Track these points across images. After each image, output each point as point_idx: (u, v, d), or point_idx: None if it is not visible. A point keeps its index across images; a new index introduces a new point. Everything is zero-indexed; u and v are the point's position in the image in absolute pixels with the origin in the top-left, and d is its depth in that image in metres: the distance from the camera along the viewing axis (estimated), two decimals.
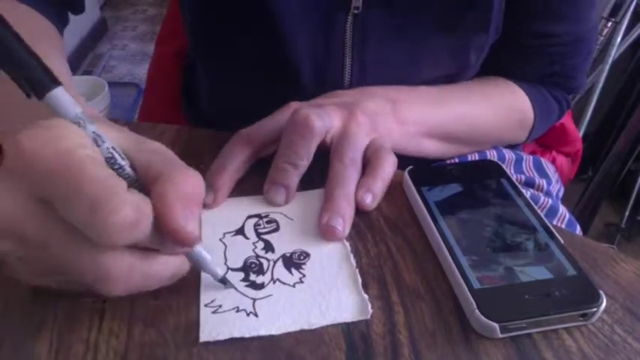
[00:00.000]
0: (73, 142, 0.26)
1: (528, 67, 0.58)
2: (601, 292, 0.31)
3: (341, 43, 0.50)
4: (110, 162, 0.28)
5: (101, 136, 0.28)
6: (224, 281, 0.33)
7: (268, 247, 0.36)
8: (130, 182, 0.28)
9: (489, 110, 0.55)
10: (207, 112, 0.64)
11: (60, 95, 0.27)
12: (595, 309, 0.31)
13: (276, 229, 0.38)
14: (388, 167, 0.41)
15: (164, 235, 0.27)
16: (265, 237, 0.37)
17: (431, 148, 0.51)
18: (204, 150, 0.44)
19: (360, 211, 0.39)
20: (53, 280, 0.30)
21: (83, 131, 0.27)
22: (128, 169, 0.28)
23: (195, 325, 0.31)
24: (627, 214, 1.52)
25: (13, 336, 0.30)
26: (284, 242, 0.36)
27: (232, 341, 0.30)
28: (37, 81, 0.26)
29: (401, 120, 0.47)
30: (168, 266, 0.29)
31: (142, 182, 0.28)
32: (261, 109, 0.44)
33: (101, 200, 0.24)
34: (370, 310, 0.32)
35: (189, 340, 0.30)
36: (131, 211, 0.25)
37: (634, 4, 1.36)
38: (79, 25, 2.35)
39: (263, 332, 0.31)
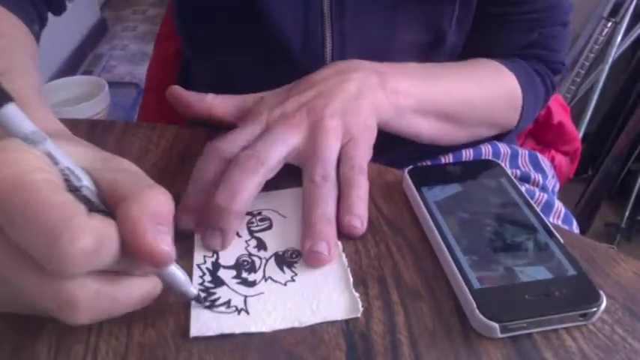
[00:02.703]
0: (24, 166, 0.24)
1: (507, 37, 0.59)
2: (601, 292, 0.31)
3: (319, 12, 0.51)
4: (67, 182, 0.26)
5: (55, 155, 0.26)
6: (199, 300, 0.31)
7: (261, 245, 0.36)
8: (91, 204, 0.26)
9: (479, 86, 0.55)
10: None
11: (10, 113, 0.25)
12: (595, 309, 0.31)
13: (269, 227, 0.38)
14: (363, 185, 0.39)
15: (135, 257, 0.26)
16: (258, 235, 0.37)
17: (422, 126, 0.48)
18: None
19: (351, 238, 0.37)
20: (12, 310, 0.28)
21: (37, 151, 0.25)
22: (88, 190, 0.26)
23: None
24: (627, 214, 1.52)
25: (13, 336, 0.30)
26: (277, 240, 0.36)
27: (232, 341, 0.30)
28: None
29: (390, 90, 0.44)
30: (137, 289, 0.28)
31: (107, 202, 0.27)
32: (254, 86, 0.44)
33: (57, 229, 0.23)
34: (361, 309, 0.32)
35: (189, 341, 0.30)
36: (91, 238, 0.23)
37: (634, 4, 1.36)
38: (79, 25, 2.35)
39: (253, 329, 0.31)
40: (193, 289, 0.31)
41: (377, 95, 0.43)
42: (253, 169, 0.36)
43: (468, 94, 0.53)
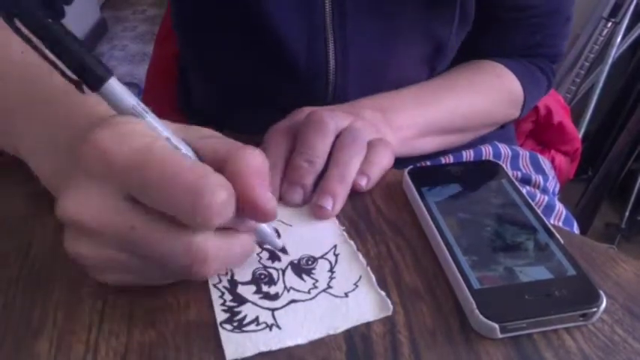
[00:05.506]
0: (147, 136, 0.26)
1: (511, 40, 0.60)
2: (601, 292, 0.31)
3: (322, 22, 0.51)
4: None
5: (156, 126, 0.28)
6: (285, 251, 0.34)
7: (273, 256, 0.35)
8: None
9: (477, 96, 0.56)
10: (202, 106, 0.65)
11: (115, 86, 0.26)
12: (595, 309, 0.31)
13: (277, 237, 0.37)
14: (382, 153, 0.41)
15: (243, 212, 0.28)
16: (267, 246, 0.35)
17: (426, 146, 0.52)
18: None
19: (354, 193, 0.40)
20: (135, 278, 0.30)
21: (145, 122, 0.27)
22: (192, 155, 0.28)
23: (194, 325, 0.31)
24: (627, 214, 1.52)
25: (13, 336, 0.30)
26: (288, 249, 0.35)
27: None
28: (90, 72, 0.26)
29: (394, 127, 0.48)
30: (247, 243, 0.30)
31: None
32: (255, 100, 0.44)
33: (198, 186, 0.25)
34: (391, 307, 0.31)
35: (189, 341, 0.30)
36: (226, 191, 0.26)
37: (634, 4, 1.36)
38: (79, 25, 2.34)
39: (290, 343, 0.30)
40: (279, 240, 0.34)
41: (385, 130, 0.47)
42: (320, 129, 0.40)
43: (468, 107, 0.55)
